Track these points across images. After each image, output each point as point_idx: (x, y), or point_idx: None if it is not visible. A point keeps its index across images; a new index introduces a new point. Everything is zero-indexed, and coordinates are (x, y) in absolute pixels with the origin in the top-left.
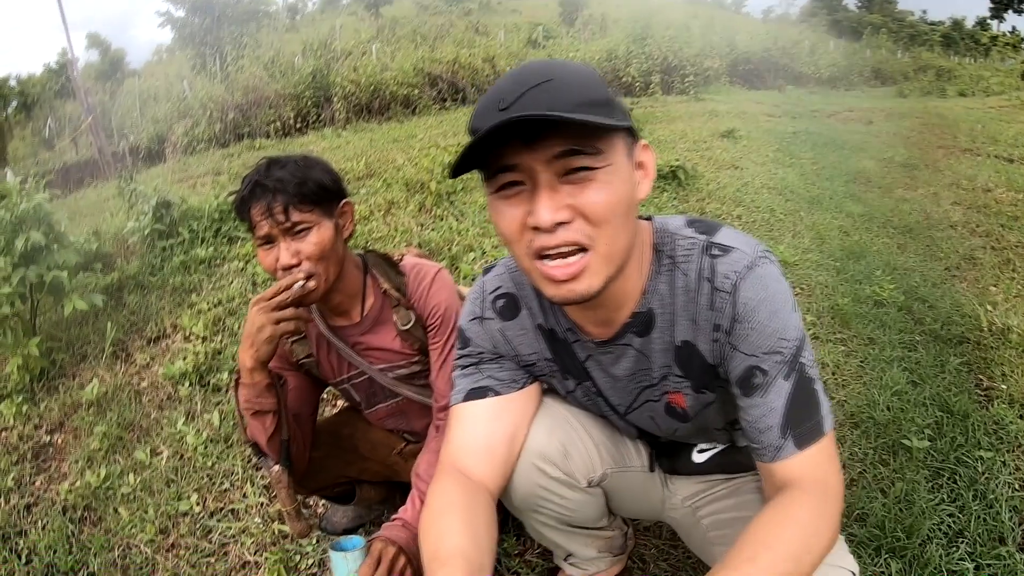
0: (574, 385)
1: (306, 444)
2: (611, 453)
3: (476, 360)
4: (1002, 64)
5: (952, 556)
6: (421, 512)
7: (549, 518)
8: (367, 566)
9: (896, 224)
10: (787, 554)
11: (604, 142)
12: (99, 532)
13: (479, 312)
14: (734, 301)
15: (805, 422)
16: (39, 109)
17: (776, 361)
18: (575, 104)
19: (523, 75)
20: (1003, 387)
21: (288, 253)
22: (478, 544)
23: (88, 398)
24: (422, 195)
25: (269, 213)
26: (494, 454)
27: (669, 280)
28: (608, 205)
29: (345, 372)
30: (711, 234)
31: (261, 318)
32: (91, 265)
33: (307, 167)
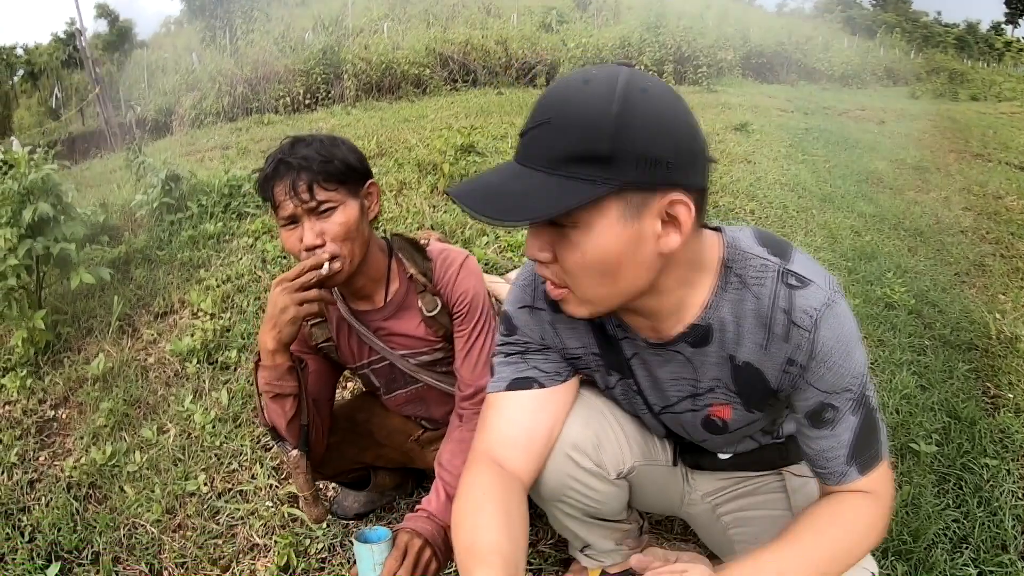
0: (615, 381)
1: (324, 429)
2: (640, 446)
3: (522, 349)
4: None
5: (956, 561)
6: (454, 502)
7: (574, 509)
8: (393, 559)
9: (907, 227)
10: (833, 550)
11: (577, 214)
12: (104, 510)
13: (529, 301)
14: (812, 340)
15: (867, 451)
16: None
17: (847, 399)
18: (556, 158)
19: (542, 101)
20: (1010, 396)
21: (312, 233)
22: (513, 540)
23: (94, 373)
24: (434, 176)
25: (294, 192)
26: (532, 447)
27: (737, 300)
28: (576, 264)
29: (365, 357)
30: (785, 258)
31: (284, 299)
32: (97, 238)
33: (333, 145)
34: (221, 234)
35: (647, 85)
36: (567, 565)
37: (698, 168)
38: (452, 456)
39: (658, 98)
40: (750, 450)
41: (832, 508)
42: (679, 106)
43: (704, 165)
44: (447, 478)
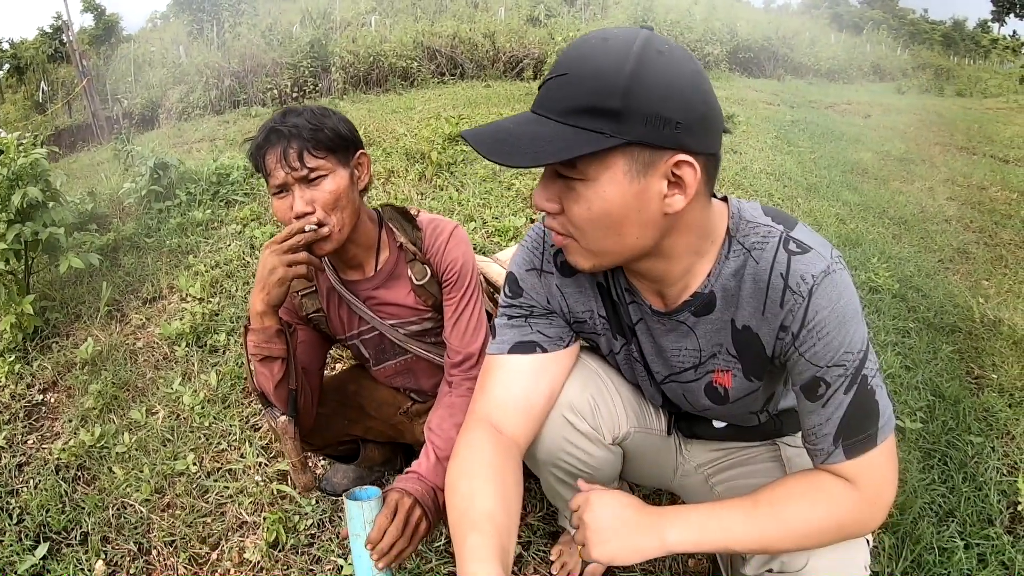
0: (620, 346)
1: (314, 398)
2: (636, 413)
3: (526, 312)
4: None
5: (943, 534)
6: (449, 464)
7: (568, 475)
8: (383, 516)
9: (892, 215)
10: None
11: (586, 164)
12: (93, 491)
13: (538, 264)
14: (806, 307)
15: (858, 434)
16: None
17: (838, 374)
18: (568, 109)
19: (563, 55)
20: (993, 376)
21: (302, 201)
22: (507, 507)
23: (82, 357)
24: (422, 165)
25: (284, 160)
26: (531, 411)
27: (739, 266)
28: (583, 217)
29: (355, 327)
30: (789, 227)
31: (273, 260)
32: (86, 226)
33: (323, 115)
34: (209, 221)
35: (664, 48)
36: (556, 537)
37: (708, 133)
38: (441, 420)
39: (674, 61)
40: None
41: (802, 485)
42: (695, 70)
43: (716, 131)
44: (437, 441)
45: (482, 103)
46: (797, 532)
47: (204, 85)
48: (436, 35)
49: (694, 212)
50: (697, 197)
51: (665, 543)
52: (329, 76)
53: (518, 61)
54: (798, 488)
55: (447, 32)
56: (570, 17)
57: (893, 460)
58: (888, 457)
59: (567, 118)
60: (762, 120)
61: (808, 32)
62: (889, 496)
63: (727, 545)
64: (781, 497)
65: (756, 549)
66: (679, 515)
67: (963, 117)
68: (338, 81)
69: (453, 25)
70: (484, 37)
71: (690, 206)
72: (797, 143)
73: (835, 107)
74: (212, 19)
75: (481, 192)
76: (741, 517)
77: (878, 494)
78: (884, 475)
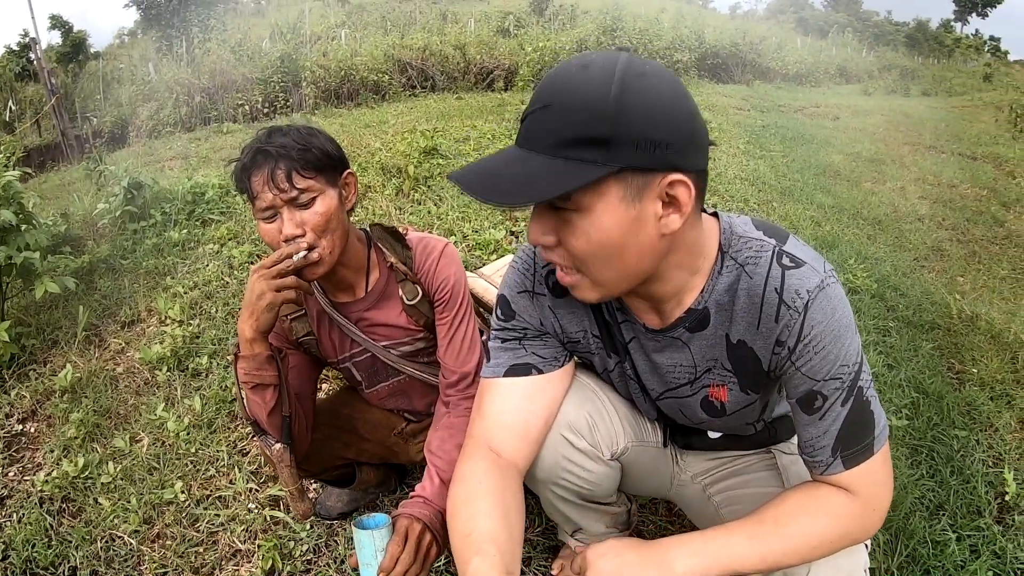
0: (614, 364)
1: (308, 423)
2: (632, 427)
3: (520, 335)
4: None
5: (935, 527)
6: (450, 489)
7: (567, 492)
8: (395, 544)
9: (865, 216)
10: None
11: (581, 195)
12: (79, 524)
13: (529, 286)
14: (802, 322)
15: (855, 445)
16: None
17: (835, 387)
18: (557, 142)
19: (543, 87)
20: (974, 371)
21: (292, 223)
22: (510, 530)
23: (61, 384)
24: (399, 179)
25: (272, 181)
26: (529, 434)
27: (732, 281)
28: (581, 249)
29: (347, 350)
30: (781, 240)
31: (261, 285)
32: (60, 248)
33: (310, 134)
34: (186, 241)
35: (645, 69)
36: (556, 552)
37: (697, 150)
38: (442, 442)
39: (656, 81)
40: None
41: (804, 499)
42: (677, 89)
43: (704, 147)
44: (439, 464)
45: (455, 115)
46: (803, 547)
47: (174, 102)
48: (407, 48)
49: (687, 230)
50: (691, 214)
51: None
52: (300, 91)
53: (489, 72)
54: (799, 503)
55: (417, 45)
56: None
57: (889, 466)
58: (884, 464)
59: (556, 151)
60: (733, 125)
61: (774, 37)
62: (887, 501)
63: (735, 568)
64: (784, 514)
65: (764, 569)
66: (683, 545)
67: (930, 116)
68: (309, 96)
69: (423, 38)
70: (454, 49)
71: (684, 224)
72: (769, 147)
73: (804, 110)
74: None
75: (460, 206)
76: (746, 539)
77: (877, 501)
78: (881, 481)
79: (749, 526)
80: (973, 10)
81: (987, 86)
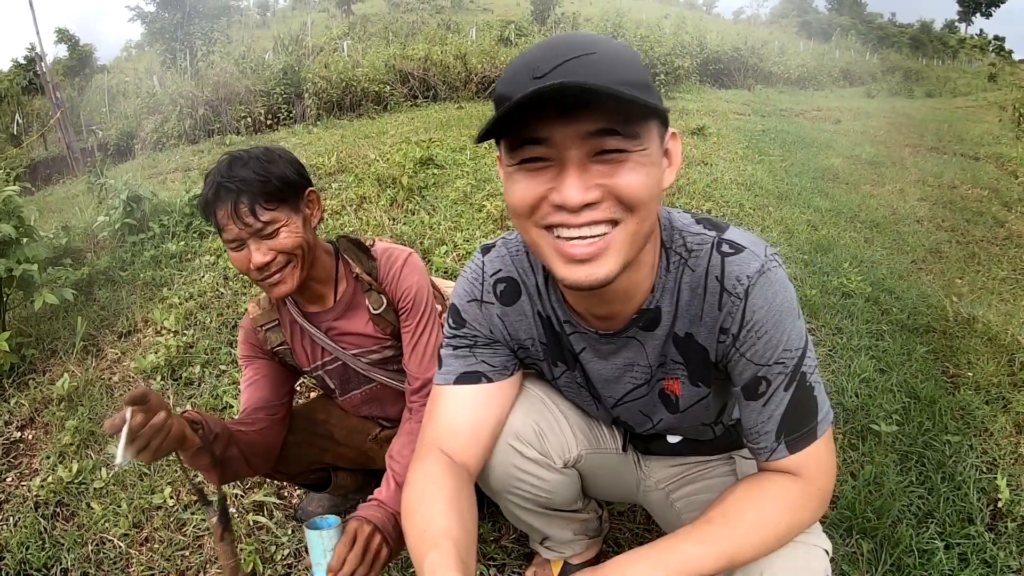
0: (560, 372)
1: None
2: (586, 435)
3: (470, 343)
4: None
5: (922, 536)
6: (403, 491)
7: (525, 500)
8: (343, 544)
9: (863, 219)
10: (763, 525)
11: (641, 125)
12: (72, 527)
13: (478, 295)
14: (744, 308)
15: (799, 429)
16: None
17: (778, 372)
18: (615, 82)
19: (562, 44)
20: (969, 374)
21: (259, 254)
22: (464, 526)
23: (59, 393)
24: (393, 190)
25: (236, 216)
26: (479, 439)
27: (676, 277)
28: (643, 188)
29: (319, 358)
30: (720, 231)
31: None
32: (60, 260)
33: (269, 162)
34: (183, 253)
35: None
36: (531, 559)
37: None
38: (402, 447)
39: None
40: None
41: (748, 491)
42: None
43: None
44: (397, 468)
45: (454, 125)
46: (755, 538)
47: (178, 114)
48: (408, 58)
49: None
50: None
51: None
52: (302, 102)
53: (490, 82)
54: (745, 495)
55: (419, 55)
56: (541, 36)
57: (832, 451)
58: (827, 449)
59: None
60: (733, 131)
61: (777, 41)
62: (830, 485)
63: (695, 572)
64: (731, 509)
65: (723, 567)
66: (638, 560)
67: (933, 117)
68: (311, 107)
69: (425, 48)
70: (456, 59)
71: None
72: (768, 152)
73: (805, 114)
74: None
75: (452, 215)
76: (698, 542)
77: (821, 484)
78: (825, 466)
79: (699, 528)
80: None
81: (991, 86)
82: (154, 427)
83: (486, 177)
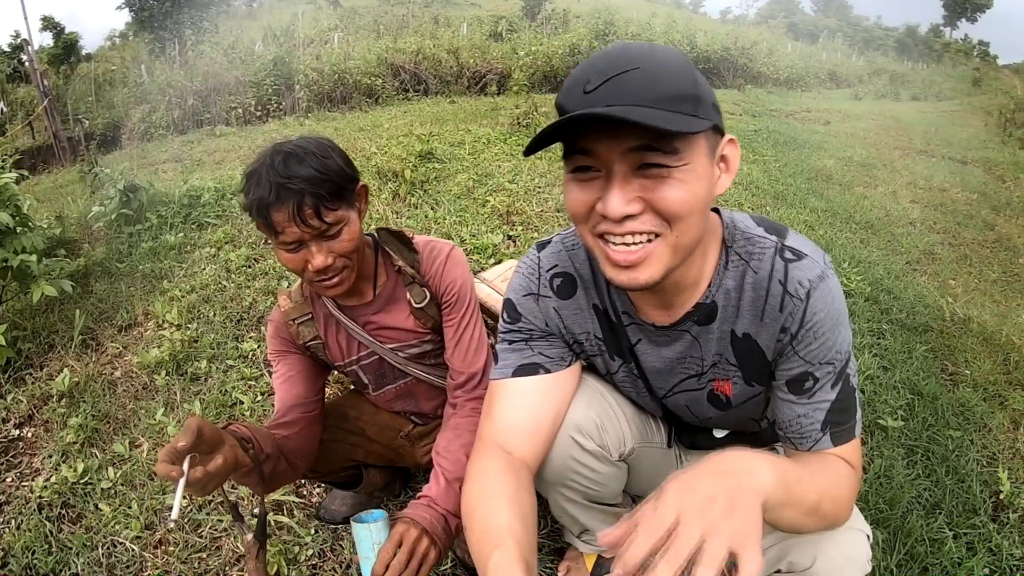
0: (617, 366)
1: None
2: (639, 428)
3: (526, 336)
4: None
5: (932, 526)
6: (463, 489)
7: (576, 493)
8: (387, 549)
9: (858, 220)
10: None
11: (682, 141)
12: (80, 530)
13: (535, 289)
14: (805, 308)
15: (842, 424)
16: None
17: (827, 371)
18: (659, 97)
19: (612, 59)
20: (967, 372)
21: (322, 256)
22: (525, 524)
23: (59, 389)
24: (395, 183)
25: (300, 219)
26: (539, 432)
27: (738, 276)
28: (682, 203)
29: (354, 353)
30: (782, 236)
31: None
32: (55, 251)
33: (325, 157)
34: (182, 244)
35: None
36: (561, 554)
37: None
38: (448, 443)
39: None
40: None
41: (818, 457)
42: None
43: None
44: (445, 464)
45: (449, 119)
46: (835, 490)
47: (167, 104)
48: (400, 52)
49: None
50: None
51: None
52: (293, 94)
53: (482, 76)
54: (820, 457)
55: (410, 49)
56: (532, 32)
57: (860, 456)
58: (859, 450)
59: (660, 104)
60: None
61: (765, 42)
62: (859, 486)
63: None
64: (810, 460)
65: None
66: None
67: (920, 121)
68: (302, 99)
69: (416, 41)
70: (447, 53)
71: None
72: (762, 152)
73: (795, 115)
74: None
75: (456, 210)
76: (802, 466)
77: (859, 474)
78: (859, 463)
79: (799, 460)
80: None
81: (976, 90)
82: (209, 475)
83: (487, 172)
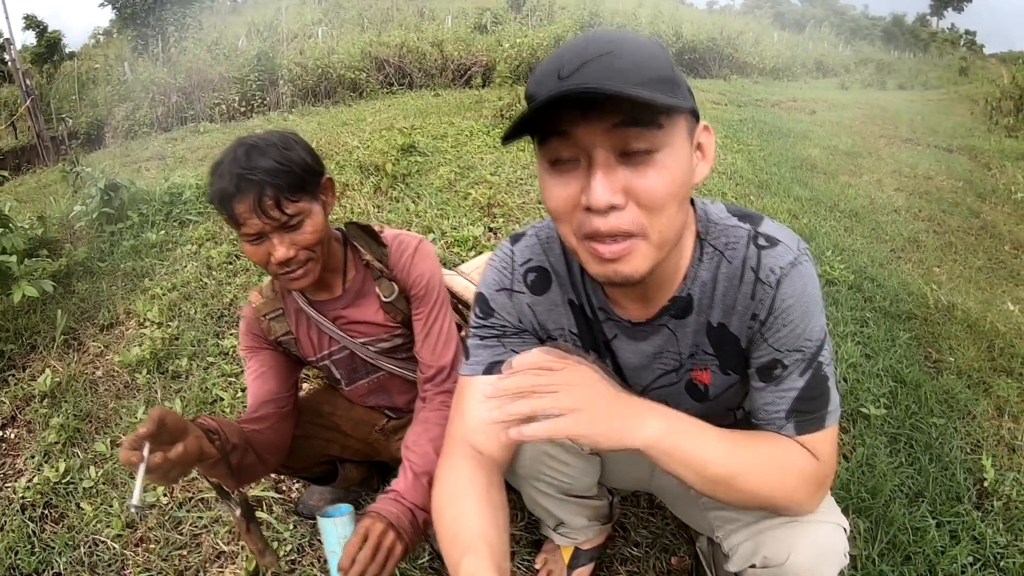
0: (591, 361)
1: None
2: None
3: (499, 333)
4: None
5: (914, 514)
6: (433, 490)
7: (548, 486)
8: (353, 543)
9: (843, 208)
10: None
11: (665, 118)
12: (62, 529)
13: (508, 284)
14: (774, 296)
15: (809, 413)
16: None
17: (796, 359)
18: (638, 80)
19: (586, 44)
20: (951, 359)
21: (283, 248)
22: (497, 526)
23: (41, 389)
24: (377, 177)
25: (260, 210)
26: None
27: (713, 267)
28: (666, 191)
29: (326, 347)
30: (756, 224)
31: None
32: (36, 251)
33: (287, 148)
34: (164, 243)
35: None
36: (539, 546)
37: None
38: (417, 436)
39: None
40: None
41: (777, 439)
42: None
43: None
44: (413, 458)
45: (432, 112)
46: (765, 473)
47: (150, 102)
48: (384, 45)
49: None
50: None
51: (645, 434)
52: (277, 89)
53: (466, 69)
54: (772, 438)
55: (395, 42)
56: (516, 24)
57: (835, 446)
58: (831, 441)
59: (641, 85)
60: (711, 120)
61: (751, 32)
62: (831, 474)
63: (698, 456)
64: (751, 435)
65: (722, 472)
66: (660, 412)
67: (906, 110)
68: (286, 94)
69: (400, 35)
70: (432, 46)
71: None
72: (747, 141)
73: (781, 104)
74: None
75: (438, 203)
76: (716, 435)
77: (824, 466)
78: (828, 455)
79: (722, 430)
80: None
81: (963, 79)
82: (170, 462)
83: (469, 165)
